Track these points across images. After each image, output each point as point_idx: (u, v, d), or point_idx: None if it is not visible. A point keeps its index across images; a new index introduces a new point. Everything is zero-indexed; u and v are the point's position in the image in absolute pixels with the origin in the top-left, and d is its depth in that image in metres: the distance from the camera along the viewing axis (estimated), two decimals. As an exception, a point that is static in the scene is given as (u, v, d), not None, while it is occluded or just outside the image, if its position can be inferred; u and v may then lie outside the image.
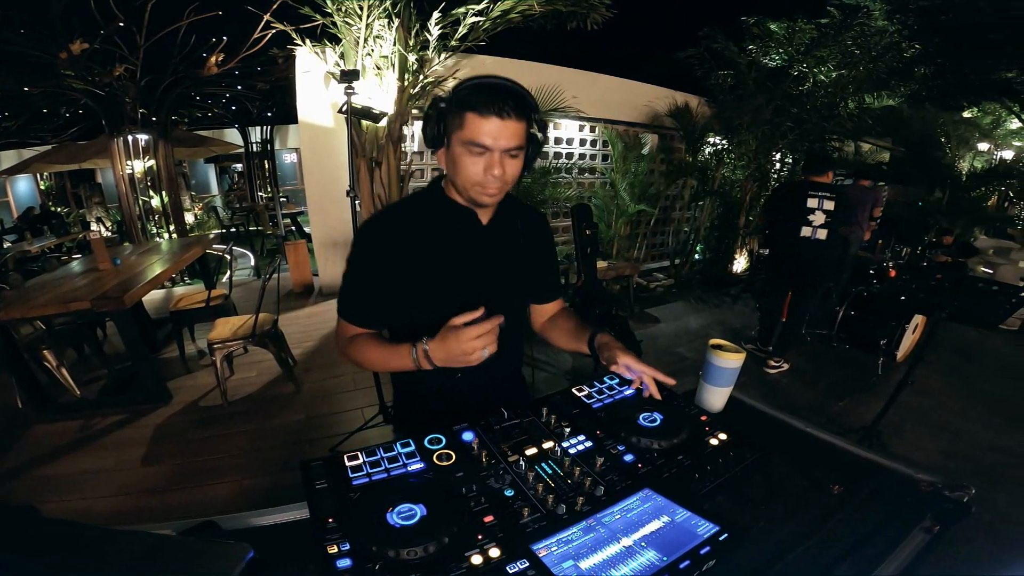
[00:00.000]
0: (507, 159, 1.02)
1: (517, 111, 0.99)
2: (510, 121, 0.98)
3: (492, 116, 0.97)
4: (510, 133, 0.99)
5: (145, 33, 5.56)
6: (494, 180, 1.02)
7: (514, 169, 1.05)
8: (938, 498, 0.89)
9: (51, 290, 3.19)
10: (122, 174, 6.30)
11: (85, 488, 2.52)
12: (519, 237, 1.25)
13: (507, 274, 1.24)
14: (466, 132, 0.99)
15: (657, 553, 0.68)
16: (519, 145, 1.02)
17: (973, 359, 4.33)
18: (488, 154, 1.01)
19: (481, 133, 0.98)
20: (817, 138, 6.55)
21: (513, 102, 0.98)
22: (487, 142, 0.99)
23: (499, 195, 1.08)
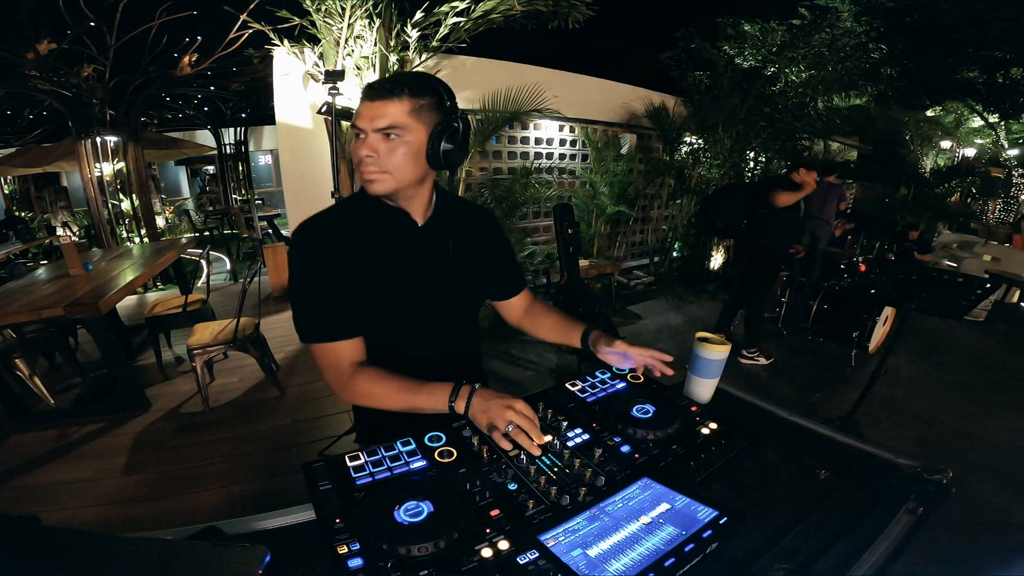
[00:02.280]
0: (382, 140, 1.00)
1: (391, 91, 0.99)
2: (379, 101, 0.99)
3: (365, 99, 1.01)
4: (379, 113, 0.99)
5: (116, 33, 5.41)
6: (370, 161, 1.01)
7: (395, 154, 1.01)
8: (919, 480, 0.93)
9: (21, 297, 3.09)
10: (90, 177, 6.12)
11: (66, 499, 2.45)
12: (462, 235, 1.21)
13: (451, 274, 1.20)
14: (353, 119, 1.05)
15: (661, 538, 0.70)
16: (392, 125, 0.99)
17: (942, 349, 4.50)
18: (363, 135, 1.02)
19: (357, 115, 1.03)
20: (789, 137, 6.71)
21: (389, 83, 1.01)
22: (358, 123, 1.02)
23: (382, 181, 1.03)
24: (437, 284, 1.18)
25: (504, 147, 5.47)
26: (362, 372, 1.09)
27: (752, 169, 7.32)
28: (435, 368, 1.16)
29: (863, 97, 7.66)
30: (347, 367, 1.09)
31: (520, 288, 1.41)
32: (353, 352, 1.10)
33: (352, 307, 1.09)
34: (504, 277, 1.38)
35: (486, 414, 0.96)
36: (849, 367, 4.03)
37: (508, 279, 1.39)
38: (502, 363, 3.95)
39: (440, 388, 1.03)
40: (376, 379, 1.08)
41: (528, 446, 0.92)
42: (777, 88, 6.36)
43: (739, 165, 6.90)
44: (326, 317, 1.09)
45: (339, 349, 1.09)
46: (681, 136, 6.53)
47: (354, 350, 1.10)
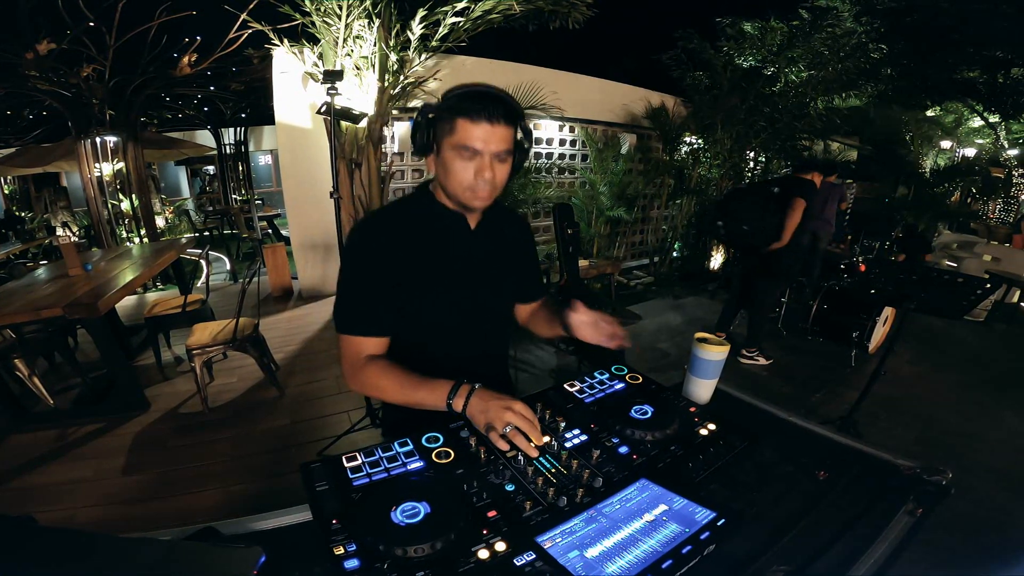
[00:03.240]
0: (496, 163, 1.05)
1: (506, 116, 1.02)
2: (499, 126, 1.02)
3: (482, 121, 1.00)
4: (499, 137, 1.02)
5: (115, 33, 5.41)
6: (485, 184, 1.05)
7: (503, 173, 1.08)
8: (918, 481, 0.93)
9: (21, 297, 3.09)
10: (90, 177, 6.12)
11: (64, 499, 2.45)
12: (505, 241, 1.29)
13: (494, 278, 1.27)
14: (457, 137, 1.02)
15: (659, 540, 0.70)
16: (508, 149, 1.05)
17: (942, 349, 4.49)
18: (479, 158, 1.03)
19: (472, 137, 1.01)
20: (788, 137, 6.71)
21: (503, 108, 1.02)
22: (478, 146, 1.02)
23: (489, 199, 1.10)
24: (484, 285, 1.24)
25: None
26: (372, 364, 1.13)
27: (752, 169, 7.32)
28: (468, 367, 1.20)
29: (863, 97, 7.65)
30: (363, 359, 1.13)
31: (540, 295, 1.46)
32: (375, 348, 1.15)
33: (389, 307, 1.14)
34: (529, 283, 1.43)
35: (484, 414, 0.97)
36: (849, 367, 4.03)
37: (532, 285, 1.45)
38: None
39: (441, 385, 1.04)
40: (383, 372, 1.11)
41: (525, 447, 0.93)
42: (777, 88, 6.35)
43: (739, 165, 6.90)
44: (361, 313, 1.14)
45: (363, 344, 1.14)
46: (681, 136, 6.53)
47: (377, 347, 1.15)
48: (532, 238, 1.43)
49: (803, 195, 3.69)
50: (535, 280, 1.46)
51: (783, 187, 3.81)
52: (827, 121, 6.83)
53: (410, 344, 1.21)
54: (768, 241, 3.77)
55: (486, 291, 1.25)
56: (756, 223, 3.75)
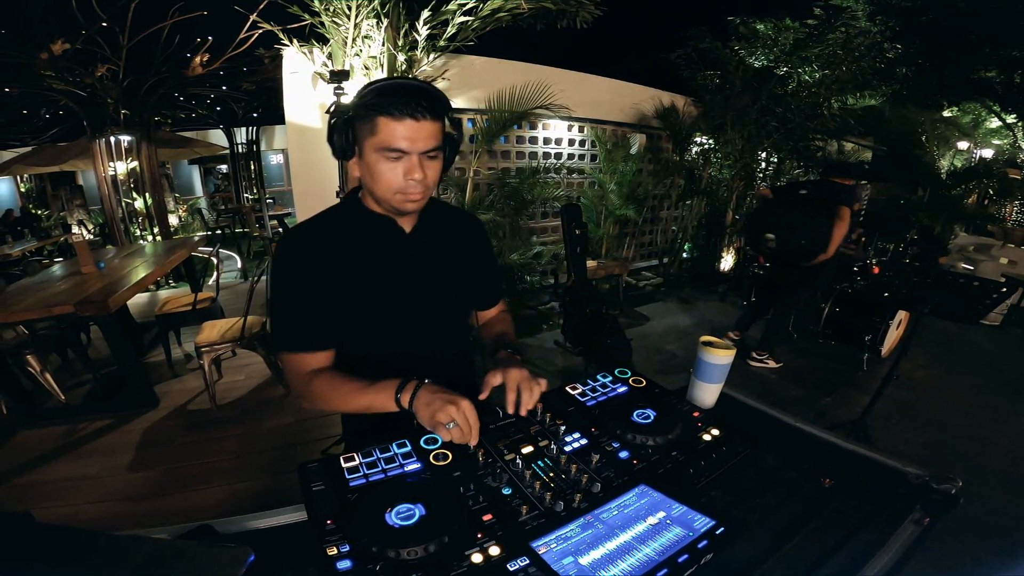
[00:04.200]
0: (426, 161, 0.99)
1: (431, 110, 0.95)
2: (425, 121, 0.95)
3: (406, 118, 0.93)
4: (427, 134, 0.96)
5: (128, 33, 5.48)
6: (416, 184, 0.99)
7: (435, 171, 1.02)
8: (926, 490, 0.91)
9: (34, 294, 3.13)
10: (104, 176, 6.21)
11: (71, 495, 2.48)
12: (450, 243, 1.22)
13: (438, 283, 1.19)
14: (380, 137, 0.95)
15: (656, 548, 0.69)
16: (437, 146, 0.99)
17: (956, 354, 4.42)
18: (406, 158, 0.97)
19: (396, 137, 0.94)
20: (801, 137, 6.64)
21: (426, 101, 0.95)
22: (404, 145, 0.95)
23: (423, 200, 1.04)
24: (423, 291, 1.17)
25: (512, 147, 5.46)
26: (318, 377, 1.08)
27: (764, 170, 7.25)
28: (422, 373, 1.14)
29: (878, 97, 7.55)
30: (308, 375, 1.09)
31: (496, 301, 1.40)
32: (319, 363, 1.11)
33: (327, 320, 1.09)
34: (483, 287, 1.36)
35: (429, 407, 0.94)
36: (861, 371, 3.98)
37: (487, 290, 1.37)
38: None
39: (388, 384, 1.00)
40: (329, 383, 1.07)
41: (460, 440, 0.93)
42: (790, 88, 6.28)
43: (750, 166, 6.83)
44: (298, 329, 1.09)
45: (306, 360, 1.10)
46: (691, 136, 6.47)
47: (320, 361, 1.11)
48: (486, 238, 1.34)
49: (847, 203, 3.58)
50: (490, 285, 1.38)
51: (822, 193, 3.69)
52: (841, 121, 6.74)
53: (356, 355, 1.16)
54: (815, 253, 3.64)
55: (429, 297, 1.18)
56: (811, 235, 3.60)
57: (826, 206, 3.60)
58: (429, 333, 1.22)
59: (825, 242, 3.58)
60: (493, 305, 1.39)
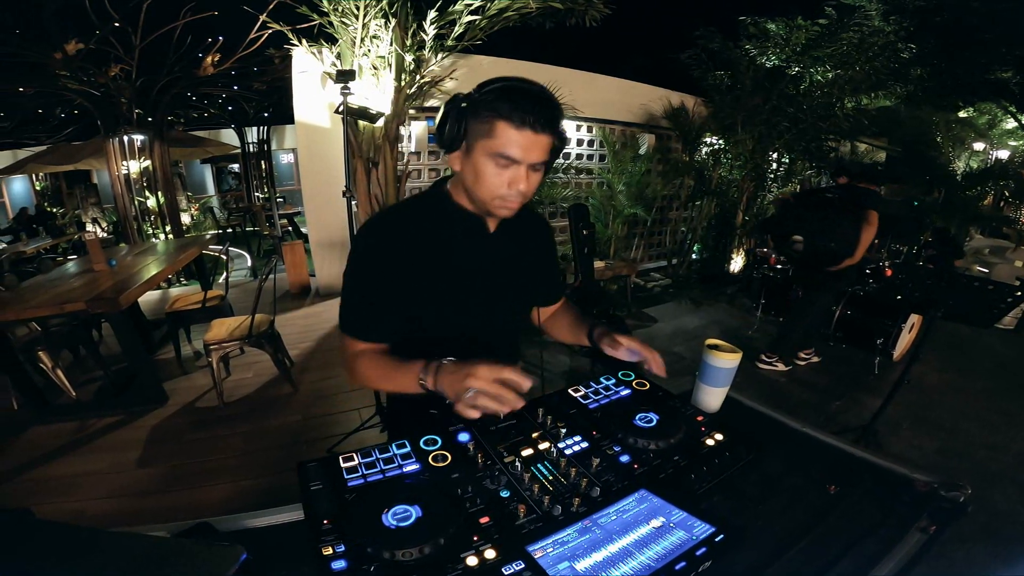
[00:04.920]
0: (532, 173, 0.98)
1: (551, 124, 0.94)
2: (543, 135, 0.93)
3: (527, 129, 0.91)
4: (541, 147, 0.95)
5: (140, 33, 5.54)
6: (517, 195, 0.98)
7: (536, 182, 1.01)
8: (934, 498, 0.89)
9: (46, 291, 3.17)
10: (118, 175, 6.29)
11: (79, 490, 2.51)
12: (526, 244, 1.23)
13: (512, 281, 1.21)
14: (496, 142, 0.93)
15: (653, 554, 0.67)
16: (544, 160, 0.98)
17: (969, 357, 4.35)
18: (515, 167, 0.95)
19: (512, 145, 0.92)
20: (813, 138, 6.57)
21: (549, 114, 0.93)
22: (517, 155, 0.93)
23: (518, 208, 1.04)
24: (501, 289, 1.19)
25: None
26: (362, 356, 1.10)
27: (775, 171, 7.18)
28: None
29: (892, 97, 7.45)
30: (356, 353, 1.11)
31: (560, 296, 1.42)
32: (371, 349, 1.12)
33: (391, 316, 1.10)
34: (548, 285, 1.39)
35: (452, 387, 0.91)
36: (872, 374, 3.92)
37: (551, 288, 1.40)
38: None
39: (412, 367, 0.99)
40: (370, 362, 1.08)
41: (496, 408, 0.86)
42: (802, 88, 6.22)
43: (761, 166, 6.77)
44: (362, 319, 1.11)
45: (360, 345, 1.11)
46: (701, 136, 6.43)
47: (375, 347, 1.12)
48: (552, 238, 1.37)
49: (876, 207, 3.55)
50: (556, 282, 1.42)
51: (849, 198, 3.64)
52: (854, 122, 6.66)
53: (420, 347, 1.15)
54: (842, 257, 3.60)
55: (502, 298, 1.19)
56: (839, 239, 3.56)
57: (854, 210, 3.56)
58: (493, 330, 1.23)
59: (852, 246, 3.54)
60: (555, 302, 1.42)
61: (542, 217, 1.37)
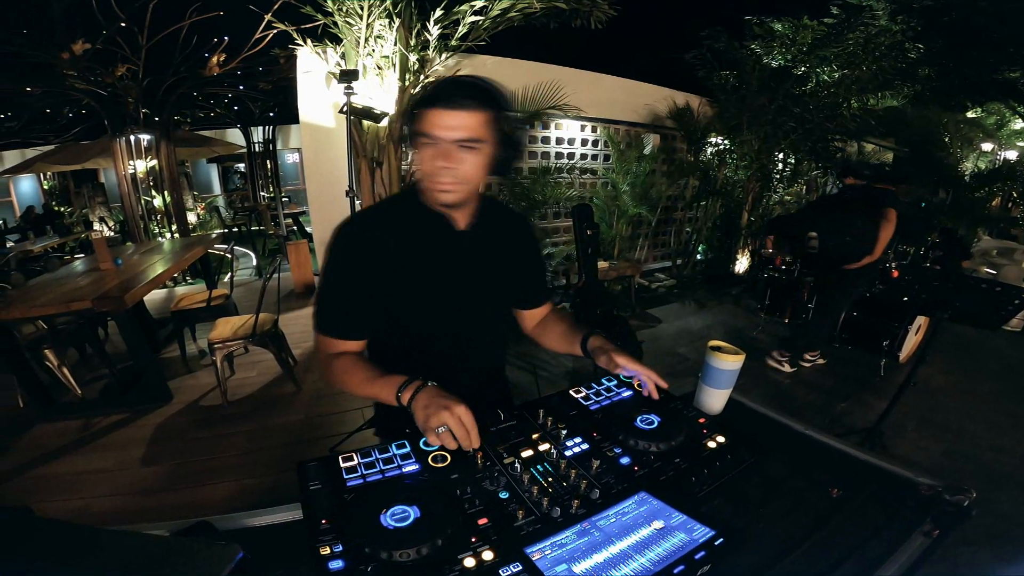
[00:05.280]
0: (459, 151, 0.99)
1: (472, 101, 0.97)
2: (461, 112, 0.96)
3: (441, 106, 0.97)
4: (460, 123, 0.97)
5: (147, 33, 5.56)
6: (445, 172, 1.00)
7: (471, 164, 1.01)
8: (938, 501, 0.88)
9: (53, 290, 3.19)
10: (124, 174, 6.32)
11: (84, 488, 2.52)
12: (502, 243, 1.23)
13: (487, 280, 1.21)
14: (420, 125, 1.00)
15: (651, 557, 0.67)
16: (473, 137, 0.98)
17: (976, 360, 4.31)
18: (438, 144, 0.99)
19: (430, 123, 0.98)
20: (820, 138, 6.52)
21: (468, 92, 0.97)
22: (436, 132, 0.98)
23: (456, 191, 1.04)
24: (474, 288, 1.19)
25: (524, 146, 5.44)
26: (339, 359, 1.11)
27: (781, 171, 7.14)
28: (460, 368, 1.21)
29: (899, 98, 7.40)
30: (333, 355, 1.13)
31: (544, 301, 1.40)
32: (347, 349, 1.13)
33: (365, 313, 1.13)
34: (531, 287, 1.37)
35: (424, 410, 0.93)
36: (878, 376, 3.89)
37: (535, 290, 1.39)
38: (513, 367, 3.93)
39: (394, 379, 1.01)
40: (348, 367, 1.10)
41: (452, 447, 0.90)
42: (808, 88, 6.18)
43: (767, 166, 6.74)
44: (336, 317, 1.13)
45: (337, 344, 1.13)
46: (706, 137, 6.40)
47: (350, 348, 1.13)
48: (535, 239, 1.36)
49: (895, 205, 3.55)
50: (538, 285, 1.39)
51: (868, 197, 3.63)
52: (861, 122, 6.61)
53: (396, 347, 1.19)
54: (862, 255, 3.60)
55: (477, 297, 1.20)
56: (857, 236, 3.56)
57: (873, 208, 3.55)
58: (472, 330, 1.24)
59: (872, 243, 3.53)
60: (541, 305, 1.40)
61: (524, 217, 1.36)
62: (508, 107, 1.05)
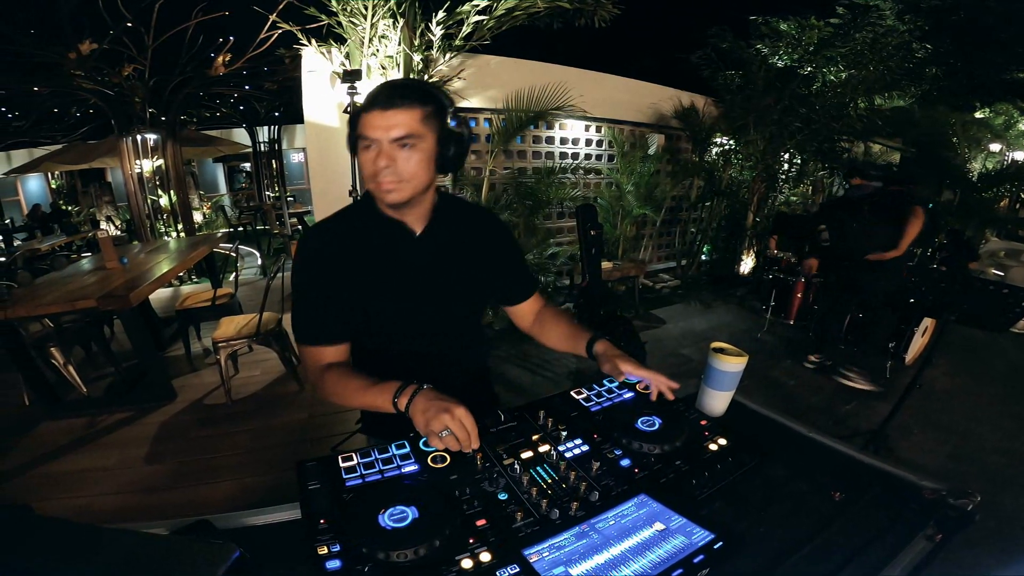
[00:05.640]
0: (398, 150, 0.99)
1: (402, 99, 0.98)
2: (393, 110, 0.98)
3: (374, 109, 0.99)
4: (396, 122, 0.98)
5: (153, 33, 5.59)
6: (386, 172, 1.00)
7: (411, 162, 1.01)
8: (942, 505, 0.87)
9: (59, 288, 3.21)
10: (131, 173, 6.36)
11: (87, 486, 2.53)
12: (464, 241, 1.22)
13: (451, 283, 1.20)
14: (360, 129, 1.01)
15: (650, 561, 0.66)
16: (408, 133, 0.98)
17: (983, 362, 4.27)
18: (375, 145, 1.00)
19: (366, 126, 1.00)
20: (826, 139, 6.49)
21: (398, 91, 0.99)
22: (371, 133, 0.99)
23: (399, 190, 1.03)
24: (431, 293, 1.18)
25: (529, 147, 5.44)
26: (331, 371, 1.11)
27: (787, 171, 7.11)
28: (437, 370, 1.19)
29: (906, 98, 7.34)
30: (323, 368, 1.12)
31: (529, 293, 1.38)
32: (335, 356, 1.13)
33: (341, 315, 1.12)
34: (511, 282, 1.36)
35: (424, 414, 0.92)
36: (884, 378, 3.86)
37: (515, 284, 1.37)
38: (515, 367, 3.93)
39: (389, 386, 1.00)
40: (340, 378, 1.09)
41: (457, 448, 0.91)
42: (814, 88, 6.15)
43: (772, 167, 6.71)
44: (314, 324, 1.13)
45: (322, 353, 1.12)
46: (711, 137, 6.38)
47: (336, 354, 1.13)
48: (506, 232, 1.33)
49: (920, 202, 3.52)
50: (519, 278, 1.37)
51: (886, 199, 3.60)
52: (867, 122, 6.56)
53: (372, 352, 1.20)
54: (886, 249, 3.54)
55: (442, 298, 1.19)
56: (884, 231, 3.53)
57: (898, 204, 3.54)
58: (441, 333, 1.24)
59: (897, 237, 3.50)
60: (524, 299, 1.38)
61: (491, 213, 1.35)
62: (446, 103, 1.05)
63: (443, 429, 0.89)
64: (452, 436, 0.90)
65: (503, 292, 1.36)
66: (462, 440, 0.90)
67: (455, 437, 0.90)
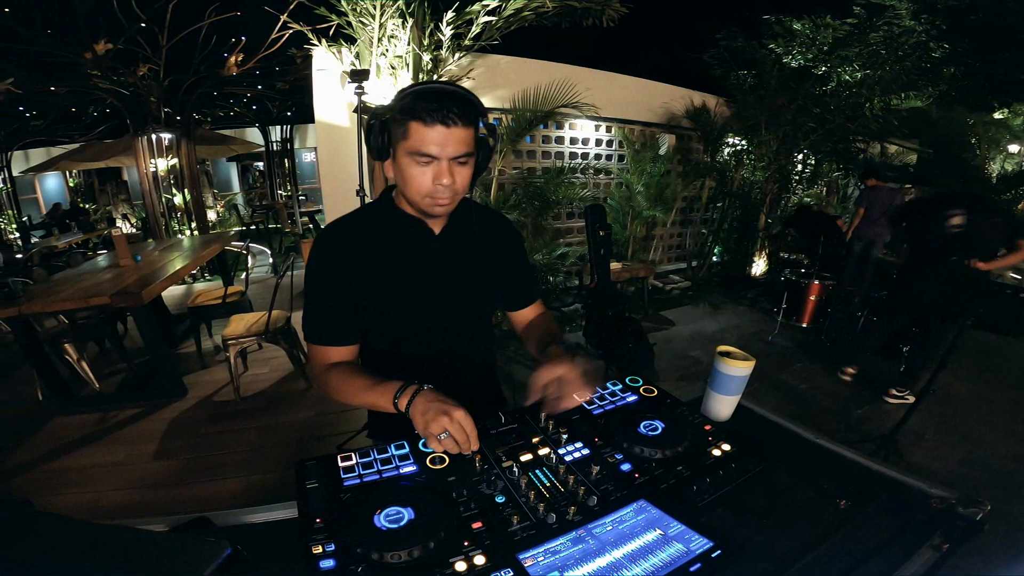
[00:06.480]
0: (456, 167, 0.99)
1: (463, 117, 0.96)
2: (456, 128, 0.95)
3: (437, 124, 0.94)
4: (457, 140, 0.96)
5: (167, 34, 5.66)
6: (444, 190, 1.00)
7: (464, 177, 1.02)
8: (950, 515, 0.85)
9: (73, 285, 3.26)
10: (146, 172, 6.44)
11: (95, 481, 2.57)
12: (479, 245, 1.22)
13: (465, 283, 1.21)
14: (411, 142, 0.96)
15: (646, 568, 0.65)
16: (468, 152, 0.99)
17: (998, 367, 4.19)
18: (436, 163, 0.98)
19: (427, 142, 0.95)
20: (841, 139, 6.40)
21: (458, 108, 0.95)
22: (433, 151, 0.96)
23: (451, 204, 1.05)
24: (447, 292, 1.19)
25: (538, 146, 5.43)
26: (334, 369, 1.12)
27: (800, 172, 7.02)
28: (446, 371, 1.21)
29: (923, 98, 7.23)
30: (327, 366, 1.13)
31: (531, 300, 1.38)
32: (341, 356, 1.14)
33: (351, 317, 1.13)
34: (516, 288, 1.36)
35: (423, 416, 0.92)
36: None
37: (520, 290, 1.37)
38: (522, 367, 3.91)
39: (389, 387, 1.00)
40: (343, 377, 1.10)
41: (456, 451, 0.91)
42: (829, 88, 6.07)
43: (785, 168, 6.63)
44: (323, 323, 1.14)
45: (329, 352, 1.14)
46: (723, 137, 6.32)
47: (342, 354, 1.14)
48: (517, 238, 1.34)
49: None
50: (523, 284, 1.36)
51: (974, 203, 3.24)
52: (883, 122, 6.47)
53: (382, 351, 1.20)
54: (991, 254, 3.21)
55: (456, 299, 1.20)
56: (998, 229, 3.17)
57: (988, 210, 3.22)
58: (453, 333, 1.24)
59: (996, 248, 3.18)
60: (528, 305, 1.37)
61: (505, 219, 1.35)
62: (486, 115, 1.04)
63: (442, 431, 0.89)
64: (451, 439, 0.90)
65: (509, 296, 1.36)
66: (461, 443, 0.90)
67: (454, 440, 0.90)
